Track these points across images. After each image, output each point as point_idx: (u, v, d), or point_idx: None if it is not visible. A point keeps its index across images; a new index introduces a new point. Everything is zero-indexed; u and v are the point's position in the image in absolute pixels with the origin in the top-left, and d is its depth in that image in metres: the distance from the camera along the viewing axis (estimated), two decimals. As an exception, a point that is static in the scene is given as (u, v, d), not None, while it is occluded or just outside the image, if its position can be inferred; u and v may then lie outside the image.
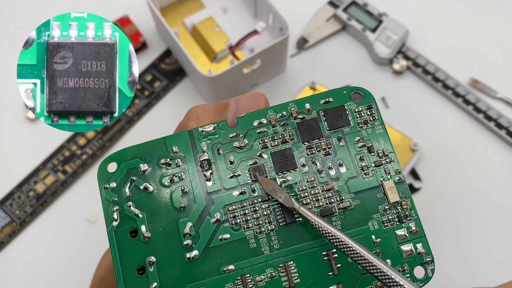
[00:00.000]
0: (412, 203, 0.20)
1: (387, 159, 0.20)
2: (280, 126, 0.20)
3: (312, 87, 0.47)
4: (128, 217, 0.19)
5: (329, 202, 0.20)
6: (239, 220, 0.20)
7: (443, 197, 0.43)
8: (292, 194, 0.20)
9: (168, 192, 0.20)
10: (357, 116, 0.21)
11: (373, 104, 0.21)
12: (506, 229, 0.42)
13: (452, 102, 0.47)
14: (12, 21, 0.53)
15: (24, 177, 0.45)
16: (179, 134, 0.20)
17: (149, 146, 0.20)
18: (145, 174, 0.20)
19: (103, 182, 0.20)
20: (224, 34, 0.47)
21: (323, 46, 0.50)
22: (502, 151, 0.45)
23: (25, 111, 0.48)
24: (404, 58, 0.48)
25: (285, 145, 0.20)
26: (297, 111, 0.21)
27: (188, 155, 0.20)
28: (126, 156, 0.20)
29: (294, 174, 0.20)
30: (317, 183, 0.20)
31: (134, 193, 0.20)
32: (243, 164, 0.20)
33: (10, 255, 0.43)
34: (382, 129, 0.21)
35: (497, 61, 0.49)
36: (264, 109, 0.21)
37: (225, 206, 0.20)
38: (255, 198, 0.20)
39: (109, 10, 0.52)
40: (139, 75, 0.49)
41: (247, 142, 0.20)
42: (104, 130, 0.47)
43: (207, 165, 0.20)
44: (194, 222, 0.19)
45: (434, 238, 0.42)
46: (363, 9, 0.50)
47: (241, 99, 0.21)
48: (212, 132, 0.20)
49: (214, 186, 0.20)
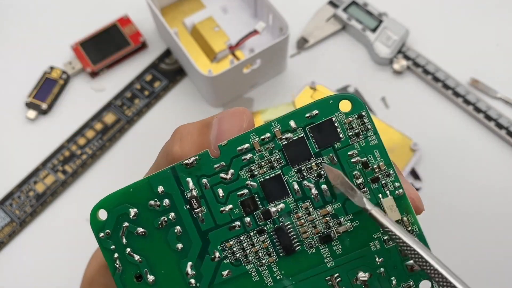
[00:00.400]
0: (415, 217, 0.19)
1: (384, 173, 0.19)
2: (265, 150, 0.19)
3: (312, 87, 0.47)
4: (129, 263, 0.19)
5: (326, 227, 0.19)
6: (238, 255, 0.19)
7: (443, 197, 0.43)
8: (288, 222, 0.19)
9: (163, 234, 0.19)
10: (348, 128, 0.19)
11: (364, 111, 0.19)
12: (506, 229, 0.42)
13: (452, 102, 0.47)
14: (12, 21, 0.53)
15: (24, 177, 0.45)
16: (162, 173, 0.19)
17: (134, 189, 0.19)
18: (136, 218, 0.19)
19: (97, 231, 0.19)
20: (224, 34, 0.47)
21: (323, 46, 0.50)
22: (502, 151, 0.45)
23: (25, 111, 0.48)
24: (404, 58, 0.48)
25: (274, 171, 0.19)
26: (281, 130, 0.19)
27: (175, 194, 0.19)
28: (114, 203, 0.19)
29: (288, 202, 0.19)
30: (313, 209, 0.19)
31: (130, 239, 0.19)
32: (233, 197, 0.19)
33: (10, 255, 0.43)
34: (376, 140, 0.19)
35: (497, 61, 0.49)
36: (246, 133, 0.19)
37: (222, 242, 0.19)
38: (250, 231, 0.19)
39: (109, 10, 0.52)
40: (139, 75, 0.49)
41: (233, 172, 0.19)
42: (104, 130, 0.47)
43: (196, 202, 0.19)
44: (195, 262, 0.19)
45: (434, 238, 0.42)
46: (363, 9, 0.50)
47: (223, 119, 0.20)
48: (195, 165, 0.19)
49: (206, 223, 0.19)
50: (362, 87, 0.48)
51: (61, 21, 0.53)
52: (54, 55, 0.50)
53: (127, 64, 0.50)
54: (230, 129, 0.19)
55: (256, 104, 0.48)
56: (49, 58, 0.50)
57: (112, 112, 0.48)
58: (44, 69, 0.49)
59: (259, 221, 0.19)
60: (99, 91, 0.49)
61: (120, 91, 0.49)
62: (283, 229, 0.19)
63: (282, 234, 0.19)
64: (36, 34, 0.52)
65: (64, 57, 0.50)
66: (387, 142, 0.45)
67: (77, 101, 0.49)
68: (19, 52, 0.51)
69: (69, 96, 0.49)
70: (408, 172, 0.43)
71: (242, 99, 0.48)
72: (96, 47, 0.49)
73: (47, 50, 0.51)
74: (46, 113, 0.48)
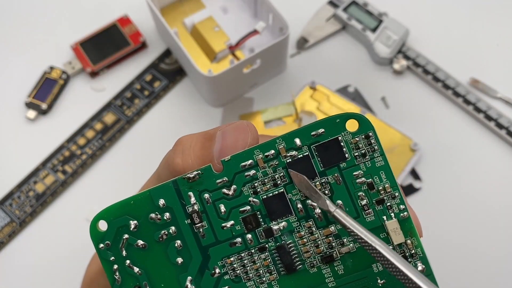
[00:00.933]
0: (419, 240, 0.19)
1: (389, 195, 0.19)
2: (269, 167, 0.19)
3: (312, 87, 0.47)
4: (129, 275, 0.19)
5: (329, 247, 0.19)
6: (239, 272, 0.19)
7: (443, 197, 0.43)
8: (291, 241, 0.19)
9: (163, 248, 0.19)
10: (354, 148, 0.19)
11: (371, 132, 0.18)
12: (507, 229, 0.42)
13: (452, 102, 0.47)
14: (12, 21, 0.53)
15: (23, 177, 0.45)
16: (164, 186, 0.19)
17: (135, 201, 0.19)
18: (136, 231, 0.19)
19: (97, 242, 0.19)
20: (224, 34, 0.47)
21: (323, 46, 0.50)
22: (502, 151, 0.45)
23: (25, 111, 0.48)
24: (404, 58, 0.48)
25: (277, 189, 0.19)
26: (286, 148, 0.19)
27: (176, 208, 0.19)
28: (114, 214, 0.19)
29: (290, 220, 0.19)
30: (316, 228, 0.19)
31: (129, 251, 0.19)
32: (235, 213, 0.19)
33: (10, 255, 0.43)
34: (383, 161, 0.18)
35: (497, 61, 0.49)
36: (250, 149, 0.19)
37: (222, 258, 0.19)
38: (252, 248, 0.19)
39: (109, 10, 0.52)
40: (139, 75, 0.49)
41: (235, 187, 0.19)
42: (104, 130, 0.47)
43: (197, 217, 0.19)
44: (194, 276, 0.19)
45: (434, 238, 0.42)
46: (363, 9, 0.50)
47: (227, 133, 0.19)
48: (198, 180, 0.19)
49: (207, 239, 0.19)
50: (362, 87, 0.48)
51: (61, 21, 0.53)
52: (54, 55, 0.50)
53: (127, 64, 0.50)
54: (234, 144, 0.19)
55: (256, 104, 0.48)
56: (49, 58, 0.50)
57: (112, 112, 0.48)
58: (44, 69, 0.49)
59: (260, 238, 0.19)
60: (99, 91, 0.49)
61: (120, 91, 0.49)
62: (285, 248, 0.19)
63: (284, 252, 0.19)
64: (36, 34, 0.52)
65: (64, 57, 0.50)
66: (387, 142, 0.45)
67: (77, 101, 0.49)
68: (19, 52, 0.51)
69: (69, 96, 0.49)
70: (408, 172, 0.43)
71: (242, 99, 0.48)
72: (96, 47, 0.49)
73: (47, 50, 0.51)
74: (46, 113, 0.48)
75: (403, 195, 0.19)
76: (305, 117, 0.46)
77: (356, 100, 0.47)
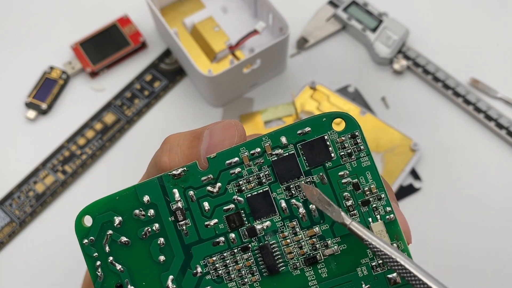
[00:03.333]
0: (405, 244, 0.18)
1: (375, 196, 0.18)
2: (255, 165, 0.18)
3: (312, 87, 0.47)
4: (111, 272, 0.19)
5: (313, 248, 0.18)
6: (221, 272, 0.18)
7: (443, 197, 0.43)
8: (274, 241, 0.18)
9: (146, 245, 0.19)
10: (340, 147, 0.18)
11: (358, 131, 0.18)
12: (507, 229, 0.42)
13: (452, 102, 0.47)
14: (12, 21, 0.53)
15: (23, 177, 0.45)
16: (149, 182, 0.19)
17: (120, 197, 0.19)
18: (120, 227, 0.19)
19: (82, 237, 0.19)
20: (224, 34, 0.47)
21: (323, 46, 0.50)
22: (502, 151, 0.45)
23: (25, 111, 0.48)
24: (404, 58, 0.48)
25: (262, 187, 0.18)
26: (272, 146, 0.18)
27: (160, 204, 0.19)
28: (99, 209, 0.19)
29: (274, 220, 0.18)
30: (300, 228, 0.18)
31: (113, 247, 0.19)
32: (219, 211, 0.19)
33: (10, 255, 0.43)
34: (369, 161, 0.18)
35: (497, 61, 0.49)
36: (236, 147, 0.19)
37: (204, 257, 0.19)
38: (234, 247, 0.18)
39: (109, 10, 0.52)
40: (139, 75, 0.49)
41: (220, 185, 0.19)
42: (104, 130, 0.47)
43: (181, 215, 0.19)
44: (176, 276, 0.19)
45: (434, 238, 0.42)
46: (363, 9, 0.50)
47: (214, 131, 0.19)
48: (183, 176, 0.19)
49: (190, 237, 0.19)
50: (362, 87, 0.48)
51: (61, 21, 0.53)
52: (54, 55, 0.50)
53: (127, 64, 0.50)
54: (221, 142, 0.19)
55: (256, 104, 0.48)
56: (49, 58, 0.50)
57: (112, 112, 0.48)
58: (44, 69, 0.49)
59: (243, 238, 0.18)
60: (99, 91, 0.49)
61: (120, 91, 0.49)
62: (267, 248, 0.18)
63: (267, 253, 0.18)
64: (36, 34, 0.52)
65: (64, 57, 0.50)
66: (387, 142, 0.45)
67: (77, 101, 0.49)
68: (19, 52, 0.51)
69: (69, 96, 0.49)
70: (408, 172, 0.43)
71: (242, 99, 0.48)
72: (96, 47, 0.49)
73: (47, 50, 0.51)
74: (46, 113, 0.48)
75: (390, 199, 0.19)
76: (305, 117, 0.46)
77: (356, 100, 0.47)
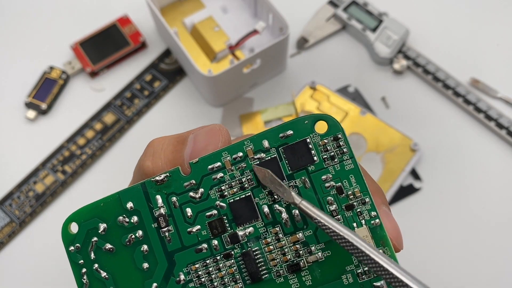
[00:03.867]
0: (392, 251, 0.18)
1: (359, 200, 0.18)
2: (237, 170, 0.18)
3: (312, 87, 0.47)
4: (96, 279, 0.19)
5: (296, 255, 0.18)
6: (204, 279, 0.18)
7: (443, 197, 0.43)
8: (257, 247, 0.18)
9: (130, 252, 0.19)
10: (322, 150, 0.18)
11: (340, 134, 0.18)
12: (507, 229, 0.42)
13: (452, 102, 0.47)
14: (12, 21, 0.53)
15: (23, 177, 0.45)
16: (132, 188, 0.19)
17: (104, 204, 0.19)
18: (105, 233, 0.19)
19: (68, 244, 0.19)
20: (224, 33, 0.47)
21: (323, 45, 0.50)
22: (502, 151, 0.45)
23: (25, 111, 0.48)
24: (405, 57, 0.48)
25: (244, 192, 0.18)
26: (254, 150, 0.18)
27: (144, 211, 0.19)
28: (85, 216, 0.19)
29: (257, 225, 0.18)
30: (283, 234, 0.18)
31: (98, 254, 0.19)
32: (202, 217, 0.18)
33: (10, 255, 0.43)
34: (352, 164, 0.18)
35: (497, 60, 0.49)
36: (218, 152, 0.18)
37: (187, 265, 0.18)
38: (217, 254, 0.18)
39: (109, 10, 0.52)
40: (139, 75, 0.49)
41: (203, 191, 0.18)
42: (104, 130, 0.47)
43: (163, 221, 0.18)
44: (159, 283, 0.18)
45: (434, 238, 0.42)
46: (363, 9, 0.50)
47: (198, 136, 0.19)
48: (166, 182, 0.19)
49: (173, 244, 0.18)
50: (362, 87, 0.48)
51: (61, 21, 0.53)
52: (54, 55, 0.50)
53: (127, 64, 0.50)
54: (204, 148, 0.19)
55: (256, 104, 0.48)
56: (48, 58, 0.50)
57: (112, 112, 0.48)
58: (43, 69, 0.49)
59: (226, 244, 0.18)
60: (98, 91, 0.49)
61: (119, 91, 0.49)
62: (250, 255, 0.18)
63: (249, 260, 0.18)
64: (36, 34, 0.52)
65: (63, 57, 0.50)
66: (387, 142, 0.45)
67: (77, 101, 0.49)
68: (18, 52, 0.51)
69: (68, 96, 0.49)
70: (408, 172, 0.43)
71: (242, 99, 0.48)
72: (95, 47, 0.49)
73: (46, 50, 0.51)
74: (45, 113, 0.48)
75: (381, 203, 0.18)
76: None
77: (356, 100, 0.47)
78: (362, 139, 0.45)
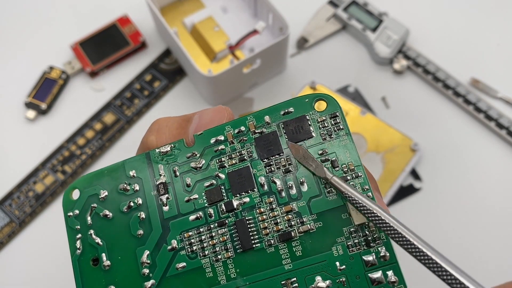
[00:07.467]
0: None
1: (353, 174, 0.18)
2: (238, 142, 0.19)
3: (312, 87, 0.47)
4: (90, 245, 0.19)
5: (288, 225, 0.18)
6: (195, 248, 0.19)
7: (443, 197, 0.43)
8: (251, 217, 0.18)
9: (126, 219, 0.19)
10: (320, 126, 0.19)
11: (338, 112, 0.19)
12: (507, 229, 0.42)
13: (452, 102, 0.47)
14: (12, 21, 0.53)
15: (23, 177, 0.45)
16: (137, 157, 0.19)
17: (108, 171, 0.20)
18: (105, 200, 0.19)
19: (67, 210, 0.20)
20: (224, 33, 0.47)
21: (323, 45, 0.50)
22: (502, 151, 0.45)
23: (25, 111, 0.48)
24: (405, 57, 0.48)
25: (243, 164, 0.19)
26: (256, 125, 0.19)
27: (145, 179, 0.19)
28: (87, 183, 0.20)
29: (252, 195, 0.19)
30: (277, 205, 0.18)
31: (95, 220, 0.19)
32: (200, 186, 0.19)
33: (9, 255, 0.43)
34: (348, 140, 0.19)
35: (497, 60, 0.49)
36: (221, 125, 0.19)
37: (181, 232, 0.19)
38: (211, 222, 0.19)
39: (109, 10, 0.52)
40: (139, 75, 0.49)
41: (204, 162, 0.19)
42: (104, 130, 0.47)
43: (163, 189, 0.19)
44: (151, 250, 0.19)
45: (434, 238, 0.42)
46: (363, 9, 0.50)
47: (204, 113, 0.20)
48: (169, 153, 0.19)
49: (170, 211, 0.19)
50: (362, 87, 0.48)
51: (61, 21, 0.53)
52: (54, 55, 0.50)
53: (127, 64, 0.50)
54: (209, 123, 0.20)
55: (256, 104, 0.48)
56: (48, 58, 0.50)
57: (112, 112, 0.48)
58: (43, 69, 0.49)
59: (221, 213, 0.19)
60: (98, 91, 0.49)
61: (119, 91, 0.48)
62: (243, 222, 0.18)
63: (242, 227, 0.18)
64: (36, 34, 0.52)
65: (63, 57, 0.50)
66: (387, 142, 0.45)
67: (77, 101, 0.49)
68: (18, 52, 0.51)
69: (68, 96, 0.49)
70: (408, 172, 0.43)
71: (242, 99, 0.48)
72: (95, 47, 0.49)
73: (46, 50, 0.51)
74: (45, 113, 0.48)
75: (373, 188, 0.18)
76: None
77: (356, 100, 0.47)
78: (362, 139, 0.45)
